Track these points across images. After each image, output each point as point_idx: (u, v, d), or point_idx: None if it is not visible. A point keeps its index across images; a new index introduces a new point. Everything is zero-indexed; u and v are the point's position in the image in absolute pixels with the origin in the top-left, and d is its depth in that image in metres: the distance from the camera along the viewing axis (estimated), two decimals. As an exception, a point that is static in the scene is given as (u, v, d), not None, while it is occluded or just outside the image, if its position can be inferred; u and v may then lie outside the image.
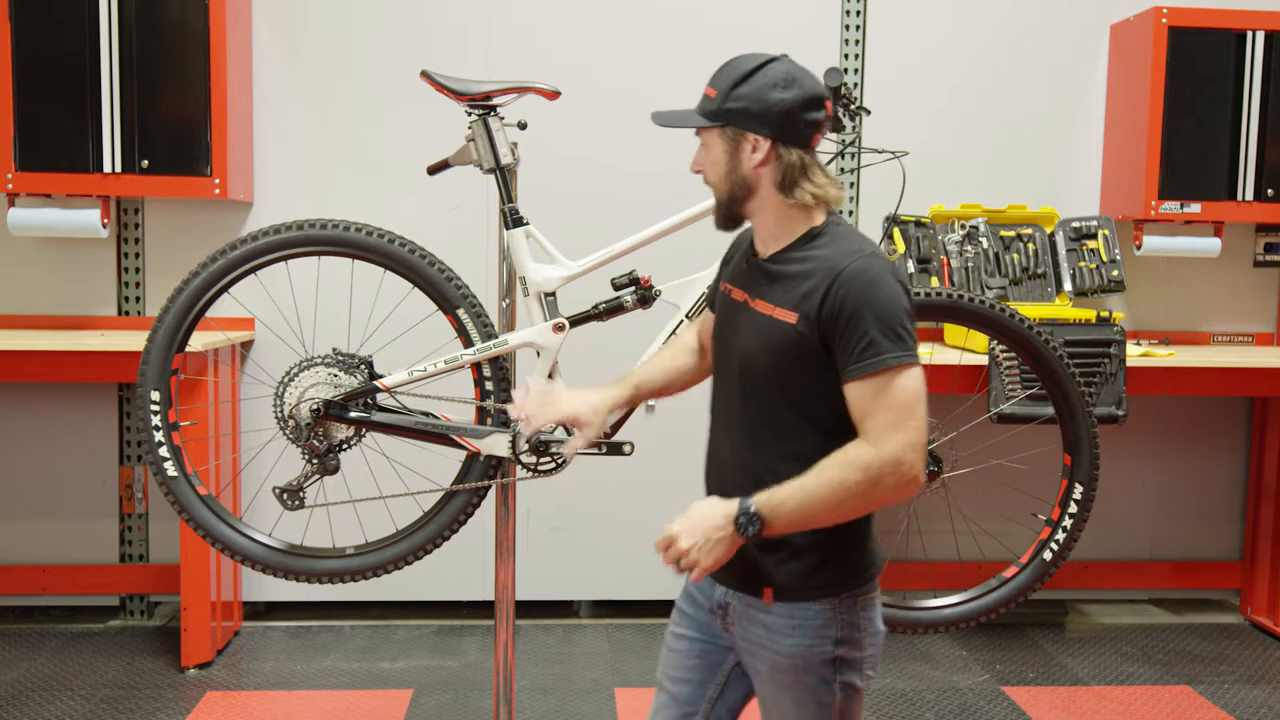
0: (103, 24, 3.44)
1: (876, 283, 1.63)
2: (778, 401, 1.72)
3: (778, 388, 1.71)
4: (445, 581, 3.95)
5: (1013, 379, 3.45)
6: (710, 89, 1.76)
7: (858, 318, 1.62)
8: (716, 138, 1.74)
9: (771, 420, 1.73)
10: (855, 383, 1.63)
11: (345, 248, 2.41)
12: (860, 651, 1.77)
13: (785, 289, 1.71)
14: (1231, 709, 3.38)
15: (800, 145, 1.72)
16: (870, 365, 1.61)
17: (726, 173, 1.74)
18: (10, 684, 3.38)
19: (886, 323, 1.62)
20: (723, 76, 1.74)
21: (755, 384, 1.74)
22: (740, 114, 1.71)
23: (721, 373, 1.85)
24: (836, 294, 1.64)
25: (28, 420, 3.88)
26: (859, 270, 1.64)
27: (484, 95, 2.40)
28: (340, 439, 2.40)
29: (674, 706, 1.91)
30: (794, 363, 1.69)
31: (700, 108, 1.76)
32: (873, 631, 1.79)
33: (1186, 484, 4.30)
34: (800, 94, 1.70)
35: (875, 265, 1.65)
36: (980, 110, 4.05)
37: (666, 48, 3.86)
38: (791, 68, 1.73)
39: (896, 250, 3.85)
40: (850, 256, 1.66)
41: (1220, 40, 3.80)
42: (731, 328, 1.81)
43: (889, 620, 2.60)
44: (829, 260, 1.67)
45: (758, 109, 1.70)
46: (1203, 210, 3.84)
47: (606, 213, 3.65)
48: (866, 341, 1.61)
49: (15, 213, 3.55)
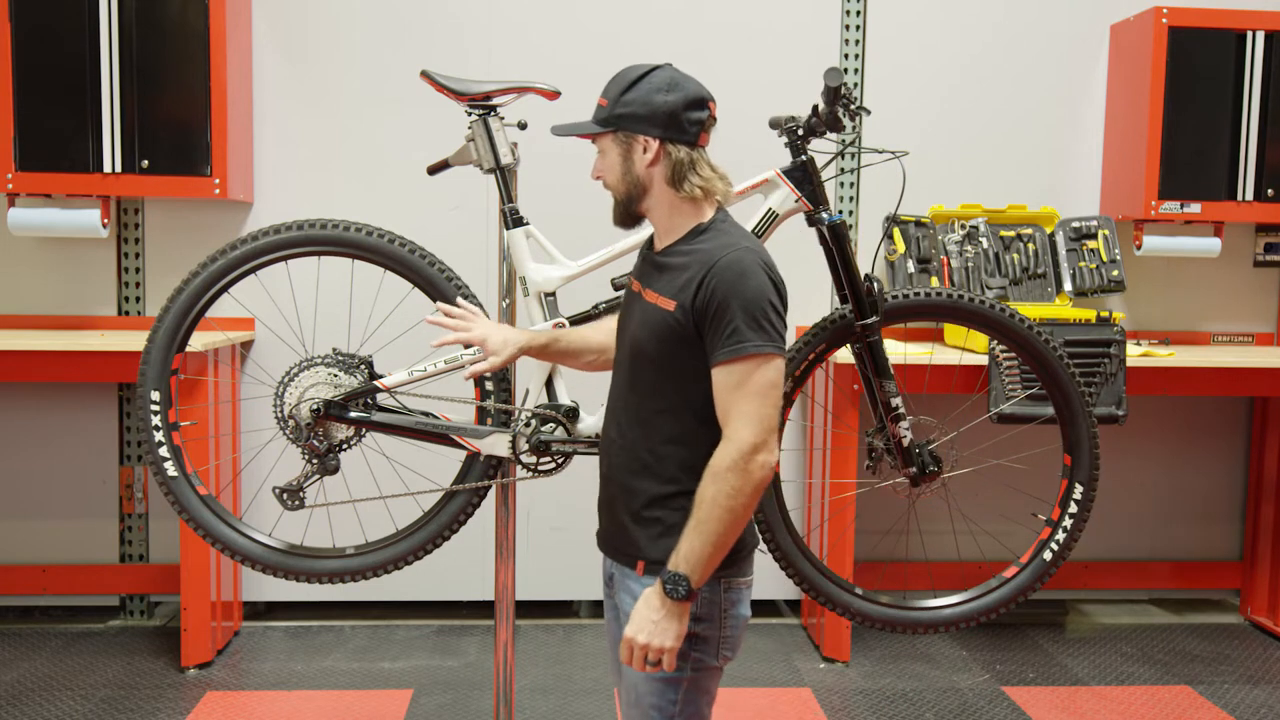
0: (103, 24, 3.44)
1: (745, 274, 1.74)
2: (661, 385, 1.83)
3: (659, 372, 1.82)
4: (445, 581, 3.95)
5: (1013, 379, 3.45)
6: (602, 99, 1.88)
7: (725, 306, 1.72)
8: (611, 142, 1.87)
9: (654, 404, 1.83)
10: (718, 368, 1.74)
11: (345, 248, 2.41)
12: (718, 631, 1.84)
13: (669, 279, 1.82)
14: (1231, 709, 3.38)
15: (687, 143, 1.84)
16: (733, 351, 1.72)
17: (622, 174, 1.87)
18: (10, 684, 3.38)
19: (750, 313, 1.72)
20: (613, 86, 1.88)
21: (642, 368, 1.85)
22: (629, 118, 1.84)
23: (618, 359, 1.95)
24: (709, 284, 1.74)
25: (28, 420, 3.88)
26: (731, 262, 1.75)
27: (484, 95, 2.40)
28: (340, 439, 2.40)
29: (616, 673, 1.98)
30: (672, 348, 1.79)
31: (595, 116, 1.89)
32: (733, 614, 1.86)
33: (1186, 484, 4.30)
34: (683, 96, 1.83)
35: (747, 258, 1.76)
36: (980, 110, 4.05)
37: (667, 48, 3.86)
38: (674, 74, 1.86)
39: (897, 250, 3.85)
40: (726, 249, 1.77)
41: (1220, 40, 3.80)
42: (628, 316, 1.93)
43: (889, 620, 2.60)
44: (707, 252, 1.79)
45: (644, 112, 1.83)
46: (1203, 210, 3.84)
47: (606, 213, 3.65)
48: (731, 329, 1.72)
49: (15, 213, 3.55)
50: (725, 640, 1.85)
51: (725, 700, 3.28)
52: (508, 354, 2.13)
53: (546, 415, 2.39)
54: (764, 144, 2.58)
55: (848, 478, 3.51)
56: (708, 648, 1.83)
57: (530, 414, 2.40)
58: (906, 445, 2.47)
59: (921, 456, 2.49)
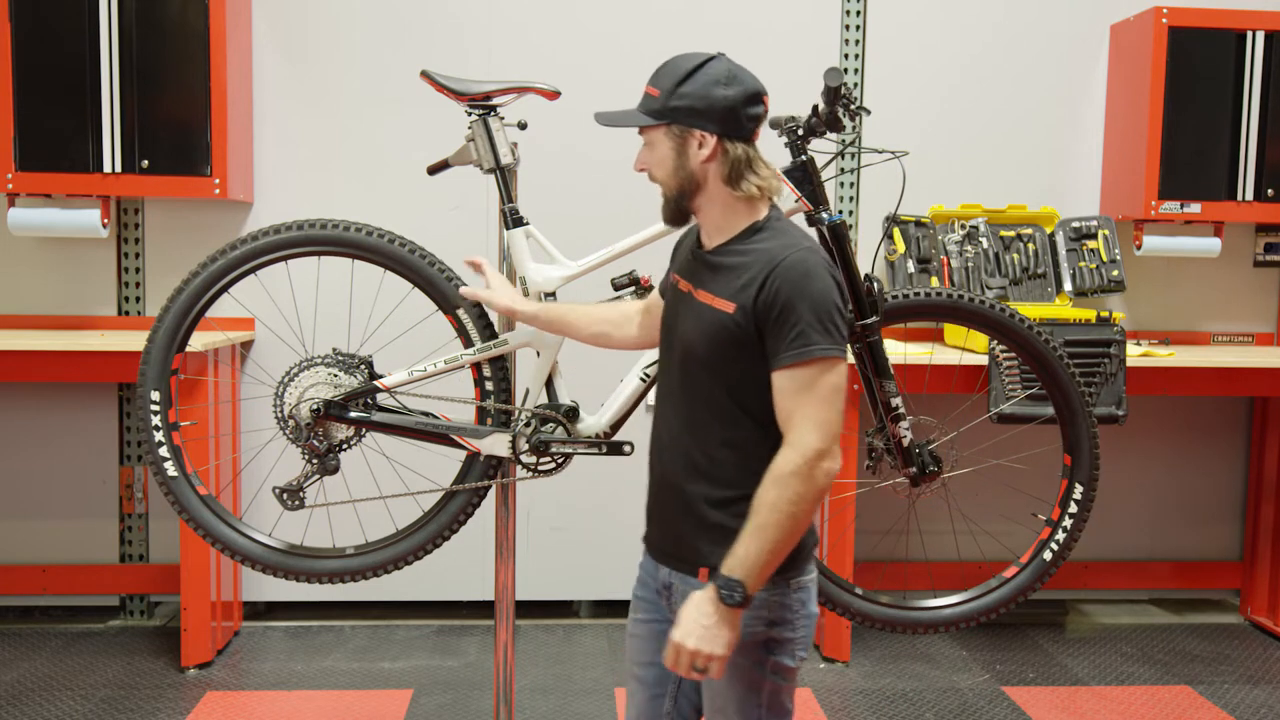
0: (103, 24, 3.44)
1: (811, 275, 1.69)
2: (715, 388, 1.78)
3: (715, 375, 1.77)
4: (445, 581, 3.95)
5: (1013, 379, 3.45)
6: (652, 88, 1.81)
7: (790, 308, 1.68)
8: (662, 136, 1.80)
9: (709, 406, 1.79)
10: (783, 370, 1.69)
11: (346, 248, 2.41)
12: (792, 633, 1.81)
13: (725, 280, 1.77)
14: (1231, 709, 3.38)
15: (744, 139, 1.78)
16: (799, 354, 1.68)
17: (675, 169, 1.80)
18: (10, 684, 3.38)
19: (817, 314, 1.68)
20: (665, 75, 1.80)
21: (694, 371, 1.80)
22: (685, 111, 1.77)
23: (665, 360, 1.91)
24: (772, 284, 1.69)
25: (28, 420, 3.88)
26: (795, 262, 1.70)
27: (484, 95, 2.40)
28: (340, 439, 2.40)
29: (643, 691, 1.96)
30: (730, 350, 1.75)
31: (643, 107, 1.81)
32: (805, 614, 1.83)
33: (1186, 484, 4.30)
34: (742, 90, 1.76)
35: (811, 259, 1.72)
36: (980, 110, 4.05)
37: (667, 48, 3.82)
38: (731, 65, 1.79)
39: (897, 250, 3.85)
40: (788, 249, 1.72)
41: (1220, 40, 3.80)
42: (675, 316, 1.87)
43: (890, 620, 2.60)
44: (768, 252, 1.73)
45: (702, 105, 1.76)
46: (1203, 210, 3.84)
47: (606, 212, 3.65)
48: (798, 332, 1.67)
49: (15, 213, 3.55)
50: (800, 641, 1.82)
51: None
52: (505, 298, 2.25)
53: (546, 415, 2.39)
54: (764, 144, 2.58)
55: (848, 478, 3.50)
56: (785, 651, 1.81)
57: (530, 414, 2.40)
58: (906, 445, 2.47)
59: (921, 456, 2.48)
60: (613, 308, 2.21)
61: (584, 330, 2.22)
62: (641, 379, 2.38)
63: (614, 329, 2.18)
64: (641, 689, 1.97)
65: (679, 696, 1.95)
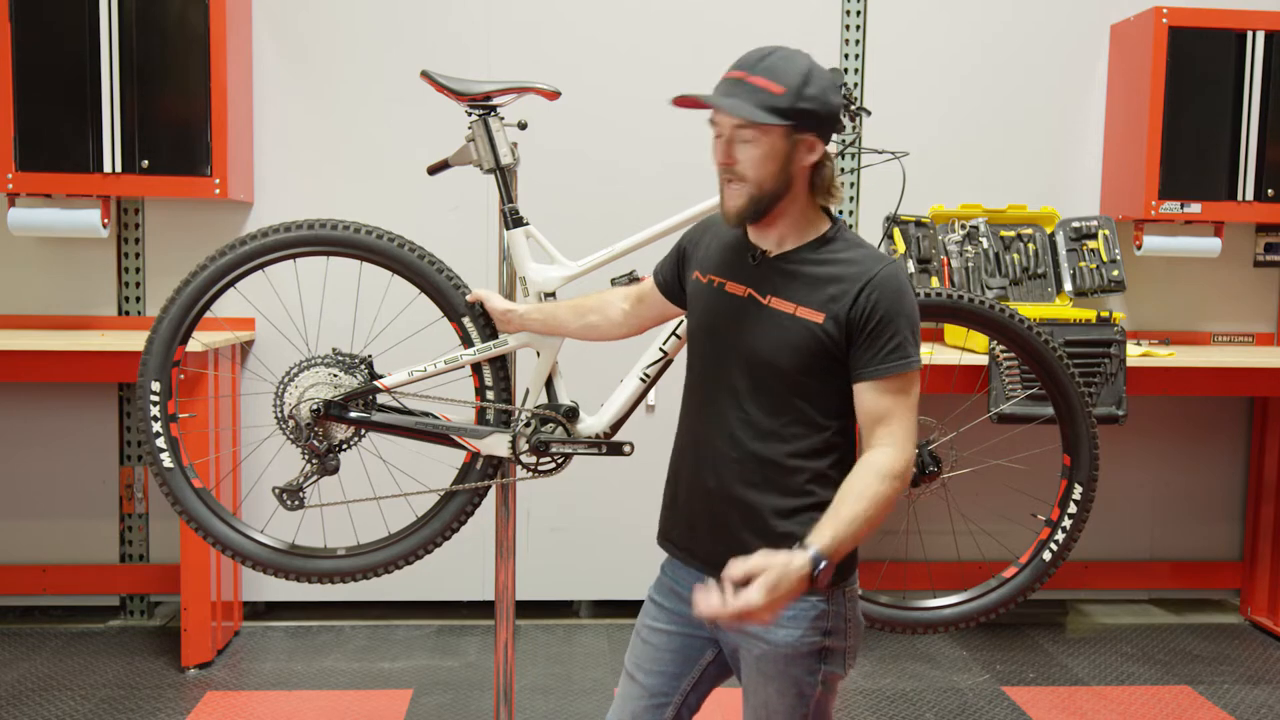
0: (103, 24, 3.44)
1: (903, 290, 1.74)
2: (792, 397, 1.76)
3: (794, 384, 1.76)
4: (445, 581, 3.95)
5: (1013, 379, 3.45)
6: (773, 84, 1.68)
7: (889, 321, 1.71)
8: (777, 136, 1.70)
9: (783, 416, 1.77)
10: (879, 381, 1.72)
11: (353, 249, 2.40)
12: (845, 641, 1.81)
13: (809, 289, 1.75)
14: (1231, 709, 3.38)
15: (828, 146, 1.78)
16: (898, 366, 1.72)
17: (777, 170, 1.72)
18: (10, 684, 3.38)
19: (913, 328, 1.74)
20: (782, 72, 1.69)
21: (767, 380, 1.77)
22: (810, 116, 1.70)
23: (718, 365, 1.83)
24: (869, 297, 1.71)
25: (28, 420, 3.88)
26: (889, 276, 1.73)
27: (484, 95, 2.40)
28: (340, 439, 2.40)
29: (644, 697, 1.93)
30: (817, 360, 1.74)
31: (760, 102, 1.68)
32: (856, 622, 1.84)
33: (1186, 484, 4.30)
34: (841, 98, 1.78)
35: (902, 274, 1.76)
36: (980, 110, 4.05)
37: (666, 48, 3.87)
38: (829, 69, 1.77)
39: (897, 250, 3.85)
40: (879, 263, 1.75)
41: (1220, 40, 3.80)
42: (732, 323, 1.81)
43: (889, 620, 2.60)
44: (858, 264, 1.75)
45: (824, 112, 1.72)
46: (1203, 210, 3.84)
47: (606, 212, 3.66)
48: (896, 343, 1.71)
49: (15, 213, 3.55)
50: (851, 650, 1.82)
51: (724, 700, 3.28)
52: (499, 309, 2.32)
53: (546, 415, 2.39)
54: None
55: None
56: (837, 660, 1.80)
57: (530, 414, 2.40)
58: (907, 445, 2.46)
59: (921, 456, 2.48)
60: (595, 297, 2.23)
61: (573, 324, 2.25)
62: (641, 379, 2.38)
63: (600, 318, 2.21)
64: (641, 694, 1.93)
65: (683, 707, 1.93)
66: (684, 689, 1.92)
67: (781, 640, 1.76)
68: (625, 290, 2.20)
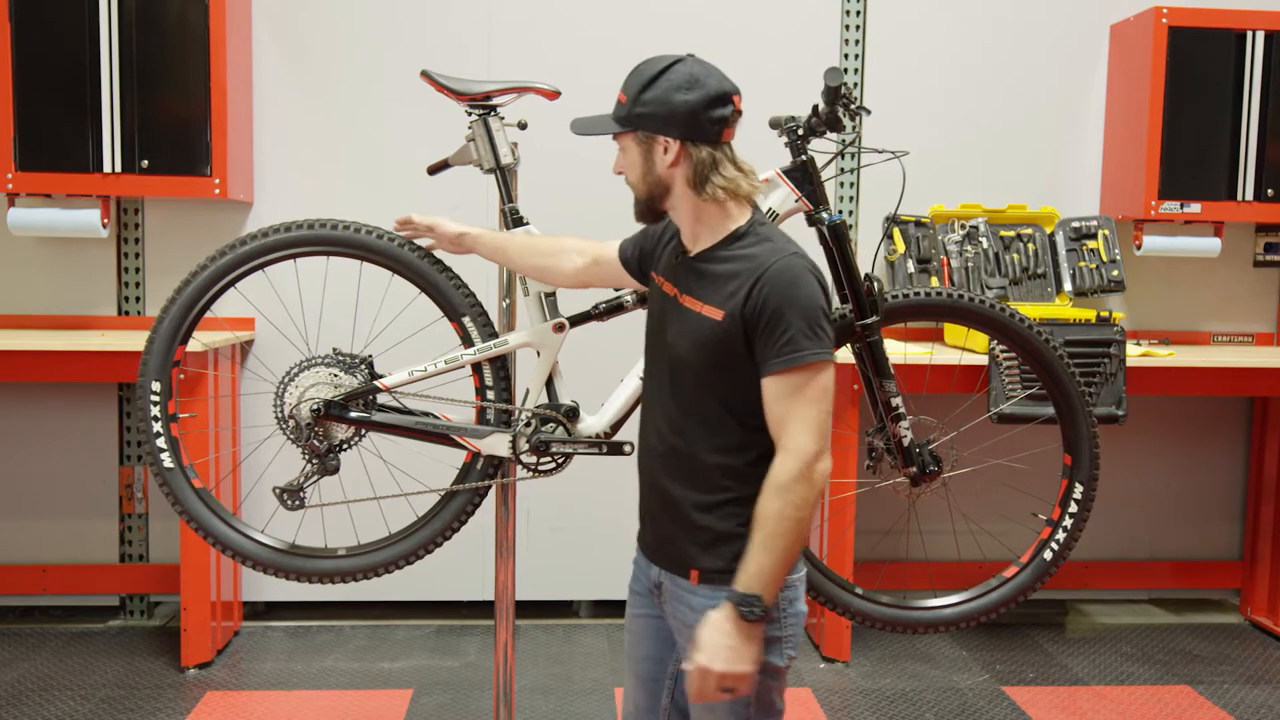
0: (103, 24, 3.44)
1: (798, 282, 1.71)
2: (703, 394, 1.80)
3: (703, 381, 1.79)
4: (445, 581, 3.95)
5: (1013, 379, 3.45)
6: (622, 94, 1.82)
7: (779, 315, 1.70)
8: (631, 141, 1.82)
9: (696, 412, 1.81)
10: (774, 377, 1.72)
11: (354, 249, 2.40)
12: (780, 631, 1.82)
13: (713, 287, 1.78)
14: (1231, 709, 3.38)
15: (709, 142, 1.78)
16: (790, 360, 1.70)
17: (643, 174, 1.82)
18: (10, 684, 3.38)
19: (806, 320, 1.70)
20: (631, 82, 1.81)
21: (682, 376, 1.82)
22: (647, 118, 1.78)
23: (653, 362, 1.92)
24: (760, 292, 1.71)
25: (28, 420, 3.88)
26: (782, 269, 1.72)
27: (484, 95, 2.40)
28: (340, 439, 2.40)
29: (639, 685, 1.98)
30: (719, 357, 1.77)
31: (614, 113, 1.83)
32: (792, 611, 1.84)
33: (1186, 484, 4.30)
34: (703, 94, 1.76)
35: (797, 264, 1.74)
36: (980, 110, 4.05)
37: (667, 48, 3.84)
38: (695, 68, 1.79)
39: (897, 250, 3.85)
40: (775, 255, 1.74)
41: (1220, 40, 3.80)
42: (663, 320, 1.89)
43: (890, 620, 2.60)
44: (754, 259, 1.75)
45: (663, 113, 1.77)
46: (1203, 210, 3.84)
47: (606, 212, 3.65)
48: (788, 337, 1.69)
49: (15, 213, 3.55)
50: (788, 640, 1.83)
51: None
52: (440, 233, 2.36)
53: (546, 415, 2.39)
54: (764, 144, 2.58)
55: (848, 478, 3.50)
56: (773, 649, 1.80)
57: (530, 414, 2.40)
58: (907, 445, 2.47)
59: (921, 456, 2.48)
60: (552, 241, 2.26)
61: (521, 261, 2.29)
62: (641, 379, 2.38)
63: (552, 264, 2.23)
64: (638, 683, 1.98)
65: (675, 691, 1.97)
66: (670, 671, 1.96)
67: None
68: (583, 245, 2.21)
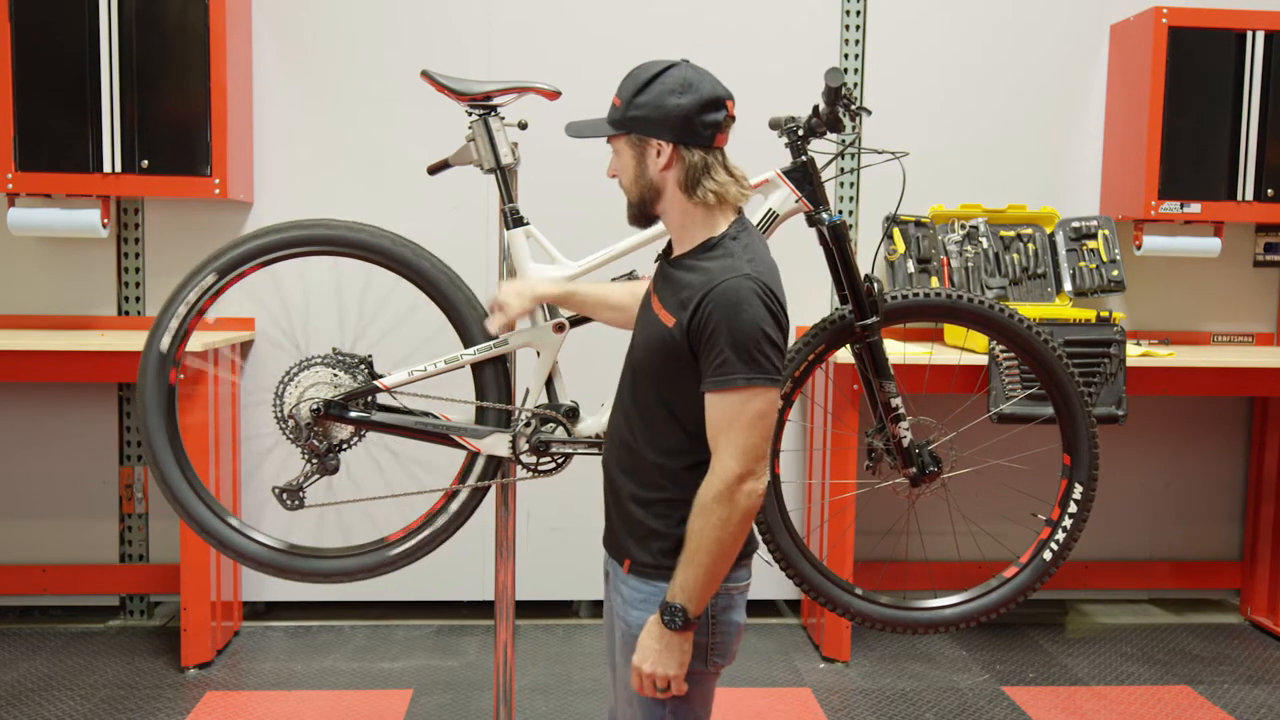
0: (103, 24, 3.44)
1: (741, 304, 1.69)
2: (651, 394, 1.84)
3: (653, 381, 1.83)
4: (445, 581, 3.95)
5: (1013, 379, 3.45)
6: (616, 98, 1.84)
7: (716, 335, 1.70)
8: (624, 144, 1.84)
9: (645, 410, 1.85)
10: (708, 395, 1.73)
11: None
12: (706, 637, 1.82)
13: (673, 293, 1.80)
14: (1231, 709, 3.38)
15: (701, 146, 1.79)
16: (721, 382, 1.70)
17: (636, 177, 1.84)
18: (10, 684, 3.38)
19: (742, 344, 1.68)
20: (626, 85, 1.83)
21: (638, 375, 1.87)
22: (641, 121, 1.80)
23: (626, 359, 1.95)
24: (705, 309, 1.72)
25: (28, 420, 3.88)
26: (729, 289, 1.70)
27: (484, 95, 2.40)
28: (340, 439, 2.40)
29: (616, 682, 1.98)
30: (667, 362, 1.79)
31: (608, 117, 1.85)
32: (724, 619, 1.84)
33: (1186, 484, 4.30)
34: (696, 98, 1.78)
35: (744, 286, 1.71)
36: (980, 110, 4.05)
37: (667, 48, 3.82)
38: (689, 73, 1.80)
39: (897, 250, 3.85)
40: (727, 274, 1.73)
41: (1220, 40, 3.80)
42: (639, 319, 1.93)
43: (890, 621, 2.60)
44: (708, 273, 1.75)
45: (656, 116, 1.79)
46: (1203, 210, 3.84)
47: (607, 212, 3.65)
48: (721, 359, 1.70)
49: (15, 213, 3.55)
50: (714, 646, 1.84)
51: (725, 700, 3.28)
52: (518, 306, 2.24)
53: (546, 415, 2.39)
54: (764, 144, 2.58)
55: (848, 478, 3.50)
56: (698, 654, 1.81)
57: (530, 414, 2.40)
58: (906, 445, 2.47)
59: (921, 457, 2.49)
60: (624, 288, 2.24)
61: (601, 315, 2.27)
62: None
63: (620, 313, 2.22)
64: (613, 680, 2.00)
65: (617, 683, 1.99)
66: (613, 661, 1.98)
67: (635, 622, 1.83)
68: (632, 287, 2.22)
